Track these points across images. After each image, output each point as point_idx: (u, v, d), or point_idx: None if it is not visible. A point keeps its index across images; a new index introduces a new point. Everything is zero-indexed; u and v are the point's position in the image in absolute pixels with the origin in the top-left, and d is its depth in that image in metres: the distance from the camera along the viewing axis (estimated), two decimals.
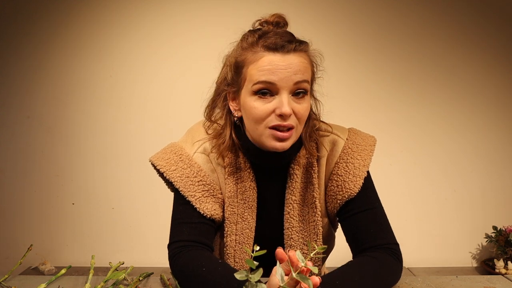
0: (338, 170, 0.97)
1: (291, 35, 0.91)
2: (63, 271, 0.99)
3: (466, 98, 2.42)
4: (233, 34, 0.95)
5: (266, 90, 0.87)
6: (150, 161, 1.00)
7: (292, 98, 0.87)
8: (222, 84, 0.96)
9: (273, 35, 0.88)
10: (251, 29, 0.93)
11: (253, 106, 0.88)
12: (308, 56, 0.91)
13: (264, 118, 0.88)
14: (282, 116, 0.86)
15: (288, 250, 0.72)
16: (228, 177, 0.99)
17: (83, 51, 2.35)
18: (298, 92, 0.87)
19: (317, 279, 0.68)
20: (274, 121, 0.87)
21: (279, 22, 0.92)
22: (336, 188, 0.97)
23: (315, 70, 0.95)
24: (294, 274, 0.66)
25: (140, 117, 2.38)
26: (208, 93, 1.00)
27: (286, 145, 0.89)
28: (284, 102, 0.85)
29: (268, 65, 0.86)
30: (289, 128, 0.88)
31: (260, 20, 0.93)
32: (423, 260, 2.43)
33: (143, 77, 2.37)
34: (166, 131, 2.28)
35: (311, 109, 0.96)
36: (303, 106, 0.88)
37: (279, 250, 0.73)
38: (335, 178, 0.97)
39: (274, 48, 0.86)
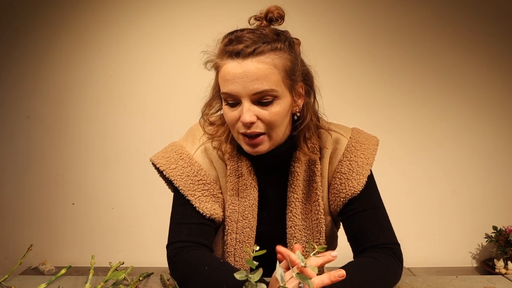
0: (341, 168, 0.97)
1: (260, 36, 0.84)
2: (63, 271, 0.99)
3: (467, 98, 2.42)
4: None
5: (231, 99, 0.86)
6: (150, 161, 1.00)
7: (257, 105, 0.85)
8: (213, 88, 0.97)
9: (237, 39, 0.84)
10: (228, 32, 0.89)
11: (225, 112, 0.89)
12: (276, 56, 0.84)
13: (233, 124, 0.88)
14: (245, 124, 0.85)
15: (293, 245, 0.72)
16: (229, 175, 0.98)
17: (83, 51, 2.35)
18: (264, 99, 0.84)
19: (343, 272, 0.71)
20: (241, 128, 0.87)
21: (272, 18, 0.89)
22: (339, 186, 0.97)
23: (293, 68, 0.87)
24: (294, 274, 0.66)
25: (140, 117, 2.38)
26: (204, 94, 1.00)
27: (261, 149, 0.89)
28: (244, 111, 0.84)
29: (227, 74, 0.84)
30: (259, 134, 0.87)
31: (255, 16, 0.91)
32: (423, 260, 2.43)
33: (143, 77, 2.37)
34: (166, 131, 2.28)
35: (308, 109, 0.94)
36: (270, 112, 0.85)
37: (278, 249, 0.73)
38: (339, 176, 0.97)
39: (232, 54, 0.83)
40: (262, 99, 0.84)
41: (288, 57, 0.86)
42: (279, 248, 0.72)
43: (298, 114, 0.93)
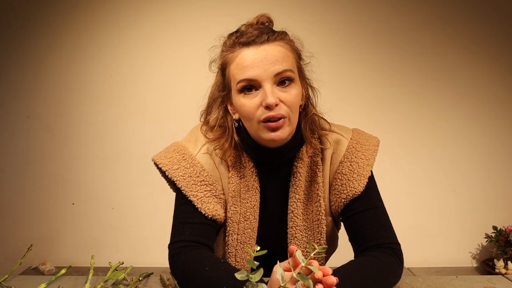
0: (342, 169, 0.97)
1: (267, 28, 0.91)
2: (63, 271, 0.99)
3: (467, 98, 2.42)
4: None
5: (250, 86, 0.88)
6: (152, 160, 1.00)
7: (277, 87, 0.87)
8: (216, 90, 0.97)
9: (247, 31, 0.89)
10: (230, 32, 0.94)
11: (242, 103, 0.89)
12: (287, 43, 0.91)
13: (253, 113, 0.88)
14: (268, 108, 0.86)
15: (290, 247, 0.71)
16: (231, 177, 0.98)
17: (83, 51, 2.35)
18: (283, 81, 0.88)
19: (334, 279, 0.68)
20: (263, 114, 0.87)
21: (264, 22, 0.93)
22: (340, 186, 0.97)
23: (300, 56, 0.94)
24: (294, 274, 0.66)
25: (140, 117, 2.38)
26: (203, 99, 1.01)
27: (282, 133, 0.89)
28: (267, 93, 0.85)
29: (245, 61, 0.87)
30: (280, 118, 0.88)
31: (245, 24, 0.94)
32: (423, 260, 2.43)
33: (143, 77, 2.37)
34: (166, 131, 2.28)
35: (308, 100, 0.97)
36: (290, 94, 0.88)
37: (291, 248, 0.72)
38: (339, 177, 0.98)
39: (247, 43, 0.87)
40: (281, 81, 0.87)
41: (293, 46, 0.92)
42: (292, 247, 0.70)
43: (303, 104, 0.96)
